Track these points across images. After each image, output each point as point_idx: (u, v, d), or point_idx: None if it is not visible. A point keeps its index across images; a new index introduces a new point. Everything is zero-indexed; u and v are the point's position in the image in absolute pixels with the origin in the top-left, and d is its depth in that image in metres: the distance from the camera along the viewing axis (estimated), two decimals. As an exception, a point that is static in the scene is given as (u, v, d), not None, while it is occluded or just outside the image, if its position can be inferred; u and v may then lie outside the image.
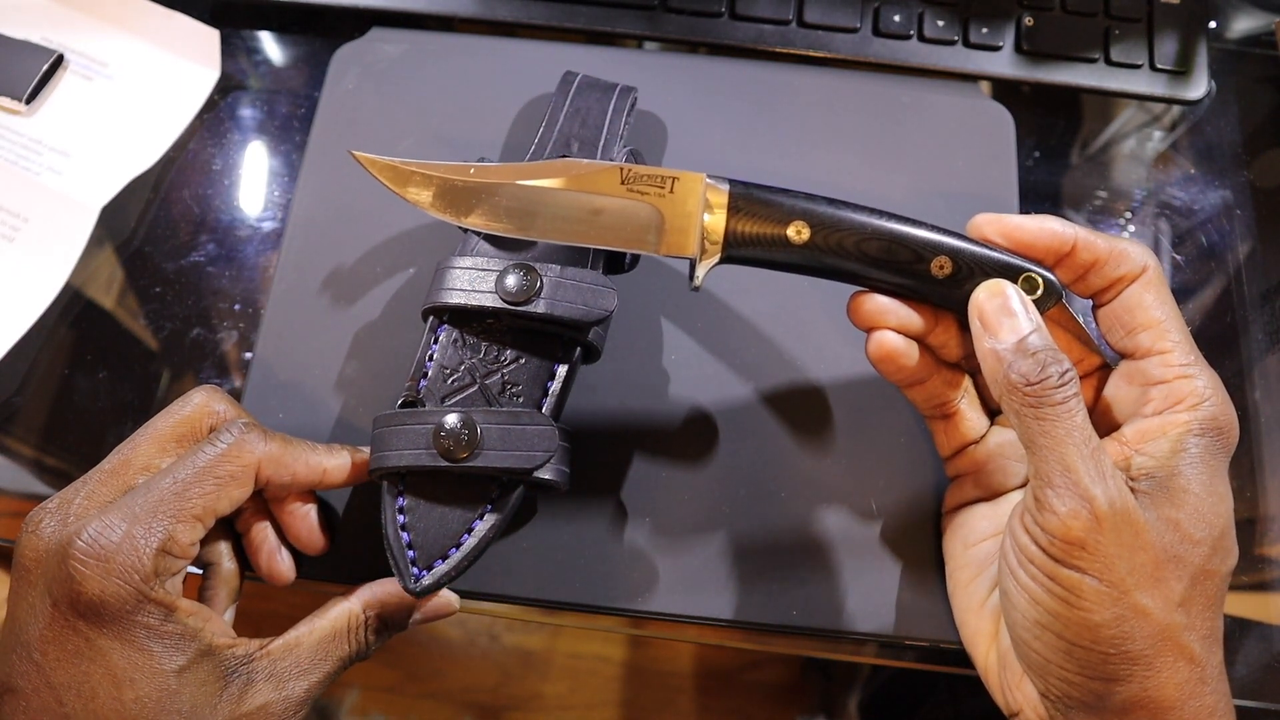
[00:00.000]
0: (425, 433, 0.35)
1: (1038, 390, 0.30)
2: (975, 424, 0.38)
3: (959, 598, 0.37)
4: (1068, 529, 0.29)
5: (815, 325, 0.43)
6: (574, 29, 0.50)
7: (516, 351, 0.37)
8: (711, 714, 0.93)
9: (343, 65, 0.49)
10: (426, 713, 0.93)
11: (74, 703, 0.29)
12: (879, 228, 0.34)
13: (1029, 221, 0.34)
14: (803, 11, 0.50)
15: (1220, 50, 0.52)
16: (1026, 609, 0.31)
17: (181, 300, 0.45)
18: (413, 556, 0.34)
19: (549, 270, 0.36)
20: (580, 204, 0.35)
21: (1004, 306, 0.33)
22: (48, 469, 0.42)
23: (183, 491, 0.31)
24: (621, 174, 0.35)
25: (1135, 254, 0.34)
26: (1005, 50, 0.50)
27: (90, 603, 0.29)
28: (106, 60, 0.50)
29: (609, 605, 0.39)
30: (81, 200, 0.46)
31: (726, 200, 0.34)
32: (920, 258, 0.34)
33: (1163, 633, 0.30)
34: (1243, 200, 0.49)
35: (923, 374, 0.36)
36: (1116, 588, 0.29)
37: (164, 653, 0.30)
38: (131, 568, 0.29)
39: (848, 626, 0.39)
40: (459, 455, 0.34)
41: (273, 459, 0.33)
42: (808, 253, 0.34)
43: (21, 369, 0.43)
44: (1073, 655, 0.30)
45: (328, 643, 0.33)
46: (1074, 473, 0.29)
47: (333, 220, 0.45)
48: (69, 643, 0.29)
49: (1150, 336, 0.34)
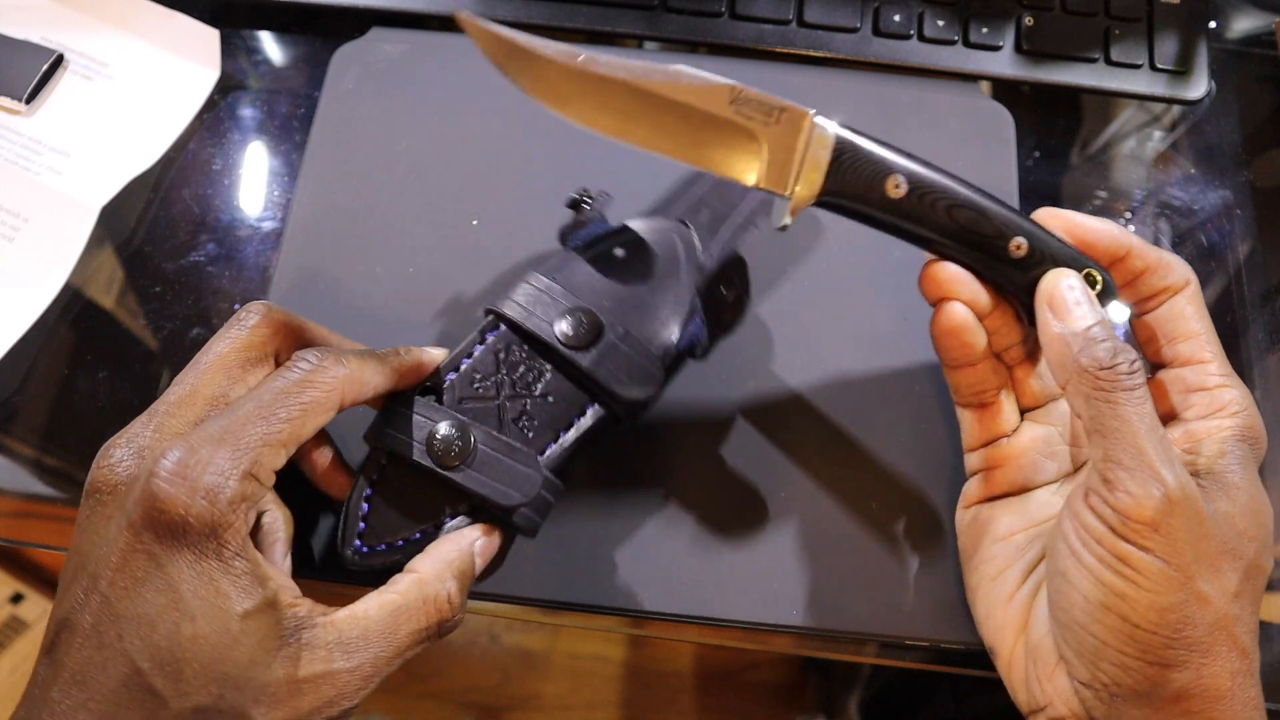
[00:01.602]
0: (425, 428, 0.34)
1: (1110, 375, 0.31)
2: (1009, 417, 0.38)
3: (983, 591, 0.37)
4: (1141, 508, 0.29)
5: (814, 325, 0.43)
6: (574, 29, 0.50)
7: (548, 389, 0.36)
8: (711, 714, 0.93)
9: (343, 65, 0.49)
10: (426, 713, 0.93)
11: (134, 638, 0.27)
12: (971, 198, 0.34)
13: (1091, 220, 0.35)
14: (803, 11, 0.50)
15: (1220, 50, 0.52)
16: (1089, 590, 0.31)
17: (181, 300, 0.45)
18: (362, 529, 0.34)
19: (614, 329, 0.36)
20: (686, 116, 0.33)
21: (1074, 293, 0.33)
22: (48, 469, 0.42)
23: (269, 415, 0.30)
24: (731, 94, 0.33)
25: (1179, 267, 0.35)
26: (1005, 50, 0.50)
27: (172, 523, 0.27)
28: (106, 60, 0.50)
29: (609, 605, 0.39)
30: (81, 200, 0.46)
31: (832, 141, 0.33)
32: (1002, 234, 0.34)
33: (1220, 622, 0.30)
34: (1243, 200, 0.49)
35: (977, 356, 0.36)
36: (1182, 572, 0.29)
37: (233, 591, 0.28)
38: (217, 488, 0.28)
39: (848, 626, 0.39)
40: (446, 462, 0.34)
41: (354, 380, 0.32)
42: (900, 210, 0.34)
43: (21, 369, 0.43)
44: (1135, 638, 0.30)
45: (400, 614, 0.31)
46: (1146, 455, 0.30)
47: (333, 220, 0.45)
48: (139, 568, 0.28)
49: (1190, 347, 0.35)
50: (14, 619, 0.88)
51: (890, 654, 0.41)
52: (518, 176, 0.46)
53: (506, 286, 0.37)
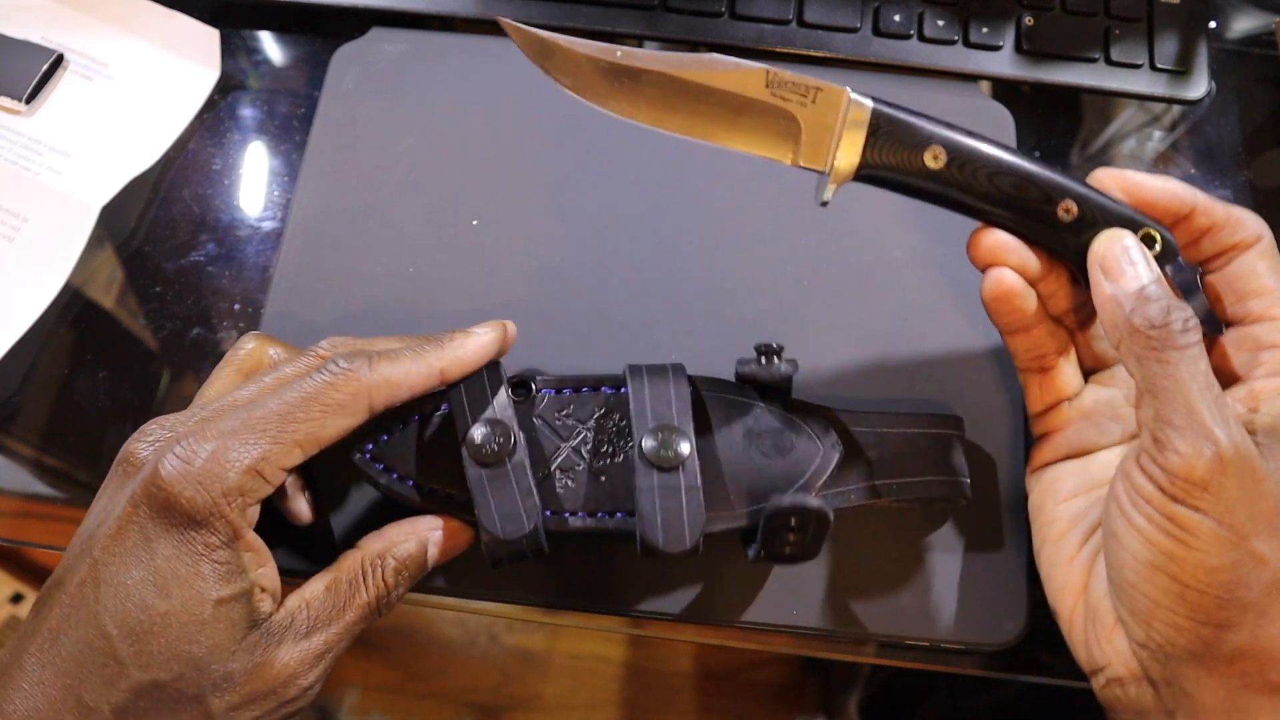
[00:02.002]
0: (484, 412, 0.35)
1: (1162, 334, 0.30)
2: (1072, 380, 0.38)
3: (1046, 552, 0.36)
4: (1191, 468, 0.29)
5: (815, 327, 0.43)
6: (574, 29, 0.50)
7: (608, 471, 0.36)
8: (711, 714, 0.93)
9: (343, 65, 0.49)
10: (426, 713, 0.93)
11: (109, 601, 0.29)
12: (1013, 164, 0.34)
13: (1152, 180, 0.35)
14: (803, 11, 0.50)
15: (1220, 50, 0.52)
16: (1139, 550, 0.30)
17: (181, 300, 0.45)
18: (384, 440, 0.36)
19: (689, 474, 0.34)
20: (723, 102, 0.34)
21: (1126, 254, 0.33)
22: (48, 469, 0.42)
23: (287, 414, 0.31)
24: (768, 78, 0.34)
25: (1251, 222, 0.34)
26: (1005, 50, 0.50)
27: (166, 502, 0.29)
28: (106, 60, 0.50)
29: (609, 605, 0.39)
30: (81, 200, 0.46)
31: (868, 117, 0.34)
32: (1049, 199, 0.34)
33: (1277, 583, 0.29)
34: (1243, 200, 0.49)
35: (1031, 321, 0.36)
36: (1235, 532, 0.29)
37: (211, 577, 0.29)
38: (215, 477, 0.29)
39: (848, 626, 0.39)
40: (472, 452, 0.34)
41: (384, 383, 0.33)
42: (941, 180, 0.34)
43: (21, 369, 0.43)
44: (1185, 599, 0.29)
45: (343, 591, 0.32)
46: (1198, 414, 0.29)
47: (333, 220, 0.45)
48: (131, 539, 0.29)
49: (1262, 304, 0.34)
50: (14, 619, 0.88)
51: (890, 654, 0.41)
52: (518, 176, 0.46)
53: (658, 369, 0.36)
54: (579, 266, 0.44)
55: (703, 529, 0.34)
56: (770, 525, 0.34)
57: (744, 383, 0.38)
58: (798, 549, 0.35)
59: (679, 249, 0.45)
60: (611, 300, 0.44)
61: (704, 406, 0.37)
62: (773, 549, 0.35)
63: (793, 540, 0.35)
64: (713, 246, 0.45)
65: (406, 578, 0.34)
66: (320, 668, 0.31)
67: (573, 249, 0.45)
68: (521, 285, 0.44)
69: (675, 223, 0.46)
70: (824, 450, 0.37)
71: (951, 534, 0.40)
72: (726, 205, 0.46)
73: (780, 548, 0.35)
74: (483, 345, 0.35)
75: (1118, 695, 0.32)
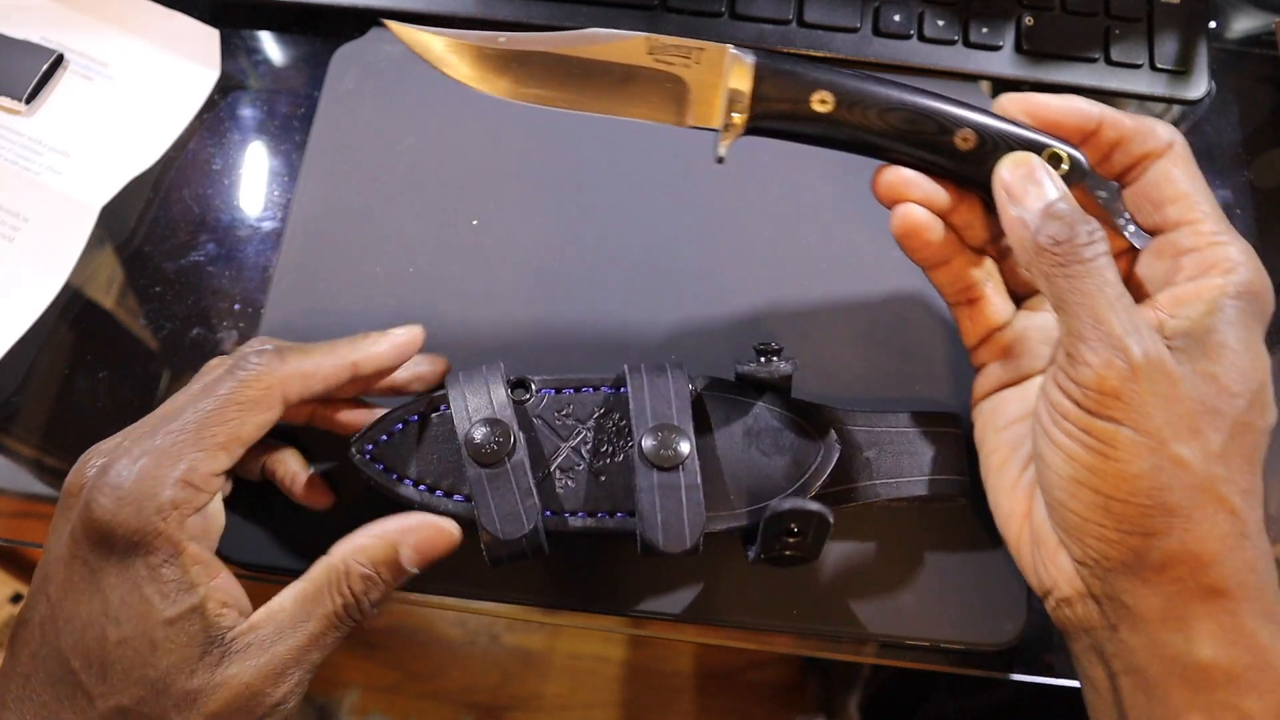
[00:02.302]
0: (483, 412, 0.35)
1: (1066, 249, 0.30)
2: (1001, 309, 0.38)
3: (991, 481, 0.37)
4: (1102, 380, 0.29)
5: (815, 327, 0.43)
6: (574, 29, 0.49)
7: (609, 470, 0.36)
8: (711, 714, 0.93)
9: (343, 65, 0.49)
10: (426, 713, 0.93)
11: (69, 637, 0.29)
12: (903, 99, 0.34)
13: (1054, 99, 0.35)
14: (803, 11, 0.50)
15: (1220, 50, 0.52)
16: (1062, 467, 0.31)
17: (181, 300, 0.45)
18: (383, 440, 0.35)
19: (690, 472, 0.34)
20: (609, 72, 0.35)
21: (1029, 175, 0.33)
22: (48, 469, 0.42)
23: (204, 420, 0.31)
24: (649, 44, 0.34)
25: (1161, 131, 0.34)
26: (1005, 50, 0.50)
27: (99, 531, 0.29)
28: (106, 60, 0.50)
29: (609, 605, 0.39)
30: (81, 200, 0.46)
31: (752, 71, 0.34)
32: (944, 129, 0.34)
33: (1201, 484, 0.29)
34: (1243, 200, 0.49)
35: (947, 254, 0.36)
36: (1153, 438, 0.29)
37: (157, 599, 0.29)
38: (145, 496, 0.29)
39: (848, 626, 0.39)
40: (471, 451, 0.34)
41: (295, 375, 0.33)
42: (832, 124, 0.34)
43: (21, 369, 0.43)
44: (1110, 510, 0.30)
45: (309, 601, 0.31)
46: (1106, 324, 0.29)
47: (333, 220, 0.45)
48: (76, 574, 0.29)
49: (1179, 209, 0.33)
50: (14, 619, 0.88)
51: (890, 654, 0.41)
52: (518, 176, 0.46)
53: (658, 367, 0.36)
54: (579, 266, 0.44)
55: (703, 529, 0.34)
56: (770, 528, 0.34)
57: (743, 382, 0.38)
58: (798, 551, 0.35)
59: (679, 248, 0.45)
60: (611, 300, 0.44)
61: (704, 406, 0.37)
62: (773, 551, 0.35)
63: (793, 543, 0.35)
64: (713, 246, 0.45)
65: (379, 583, 0.32)
66: (290, 682, 0.31)
67: (573, 249, 0.45)
68: (521, 285, 0.44)
69: (675, 222, 0.46)
70: (823, 449, 0.37)
71: (951, 534, 0.40)
72: (727, 205, 0.46)
73: (780, 550, 0.35)
74: (396, 344, 0.36)
75: (1067, 615, 0.32)
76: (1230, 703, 0.29)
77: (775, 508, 0.34)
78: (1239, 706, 0.29)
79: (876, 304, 0.44)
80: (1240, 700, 0.29)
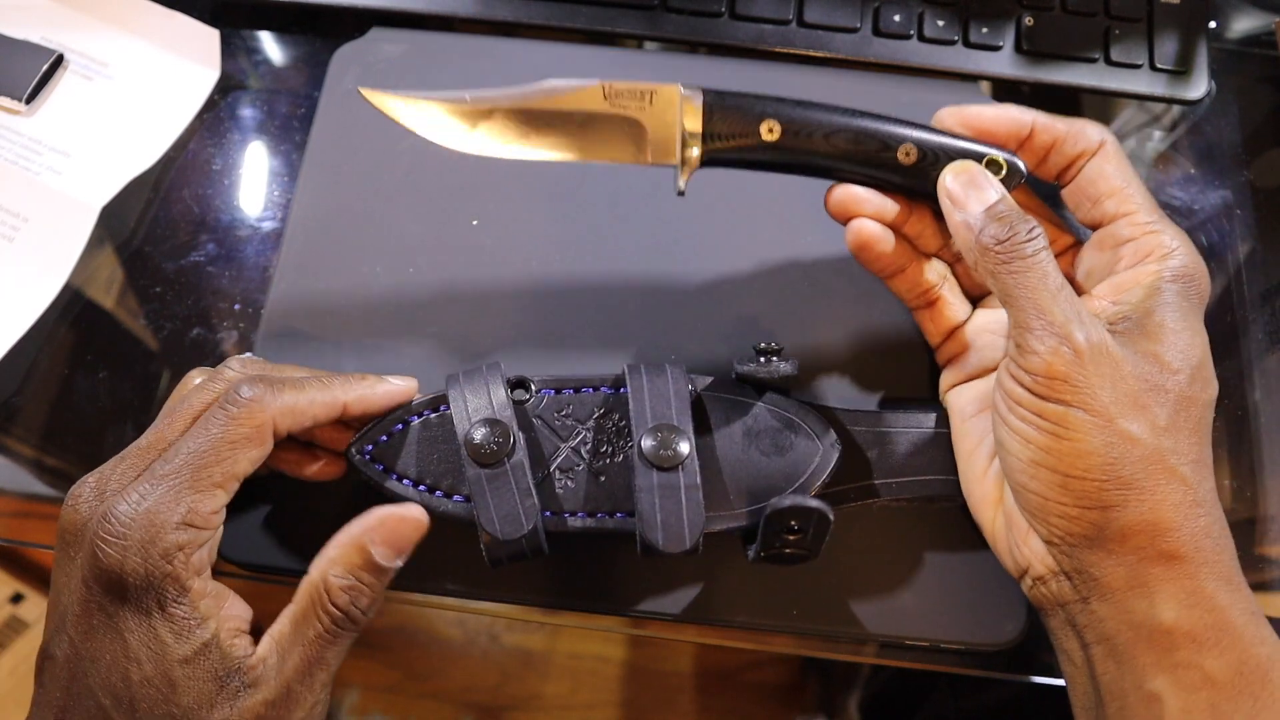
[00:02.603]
0: (483, 412, 0.35)
1: (1007, 247, 0.33)
2: (958, 308, 0.40)
3: (964, 469, 0.38)
4: (1050, 366, 0.31)
5: (815, 327, 0.43)
6: (574, 29, 0.50)
7: (608, 471, 0.36)
8: (711, 714, 0.93)
9: (343, 65, 0.49)
10: (426, 713, 0.93)
11: (95, 676, 0.30)
12: (845, 122, 0.36)
13: (988, 109, 0.37)
14: (803, 11, 0.50)
15: (1220, 50, 0.52)
16: (1020, 450, 0.32)
17: (181, 300, 0.45)
18: (383, 440, 0.36)
19: (689, 473, 0.34)
20: (569, 120, 0.37)
21: (970, 181, 0.35)
22: (48, 469, 0.42)
23: (197, 463, 0.31)
24: (604, 91, 0.36)
25: (1092, 131, 0.37)
26: (1005, 50, 0.50)
27: (110, 579, 0.30)
28: (106, 60, 0.50)
29: (609, 605, 0.39)
30: (81, 200, 0.46)
31: (701, 106, 0.36)
32: (887, 147, 0.36)
33: (1151, 456, 0.31)
34: (1243, 200, 0.49)
35: (902, 262, 0.39)
36: (1102, 416, 0.31)
37: (170, 639, 0.30)
38: (149, 542, 0.30)
39: (848, 626, 0.39)
40: (471, 451, 0.34)
41: (287, 411, 0.33)
42: (781, 151, 0.37)
43: (21, 369, 0.43)
44: (1068, 488, 0.31)
45: (301, 623, 0.32)
46: (1049, 314, 0.31)
47: (333, 220, 0.45)
48: (94, 617, 0.30)
49: (1114, 202, 0.36)
50: (14, 619, 0.88)
51: (890, 654, 0.41)
52: (518, 177, 0.46)
53: (657, 368, 0.36)
54: (579, 267, 0.44)
55: (703, 529, 0.34)
56: (770, 526, 0.34)
57: (744, 382, 0.38)
58: (798, 549, 0.35)
59: (679, 249, 0.45)
60: (611, 301, 0.44)
61: (704, 406, 0.37)
62: (773, 549, 0.35)
63: (793, 541, 0.35)
64: (713, 247, 0.45)
65: (364, 589, 0.32)
66: (304, 706, 0.31)
67: (572, 249, 0.45)
68: (521, 285, 0.44)
69: (675, 223, 0.46)
70: (823, 449, 0.37)
71: (951, 534, 0.40)
72: (727, 205, 0.46)
73: (781, 549, 0.35)
74: (391, 394, 0.36)
75: (1042, 593, 0.34)
76: (1192, 662, 0.30)
77: (776, 505, 0.34)
78: (1200, 665, 0.30)
79: (877, 304, 0.44)
80: (1201, 659, 0.30)
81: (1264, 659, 0.30)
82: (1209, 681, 0.30)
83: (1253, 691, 0.30)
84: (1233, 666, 0.30)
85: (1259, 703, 0.30)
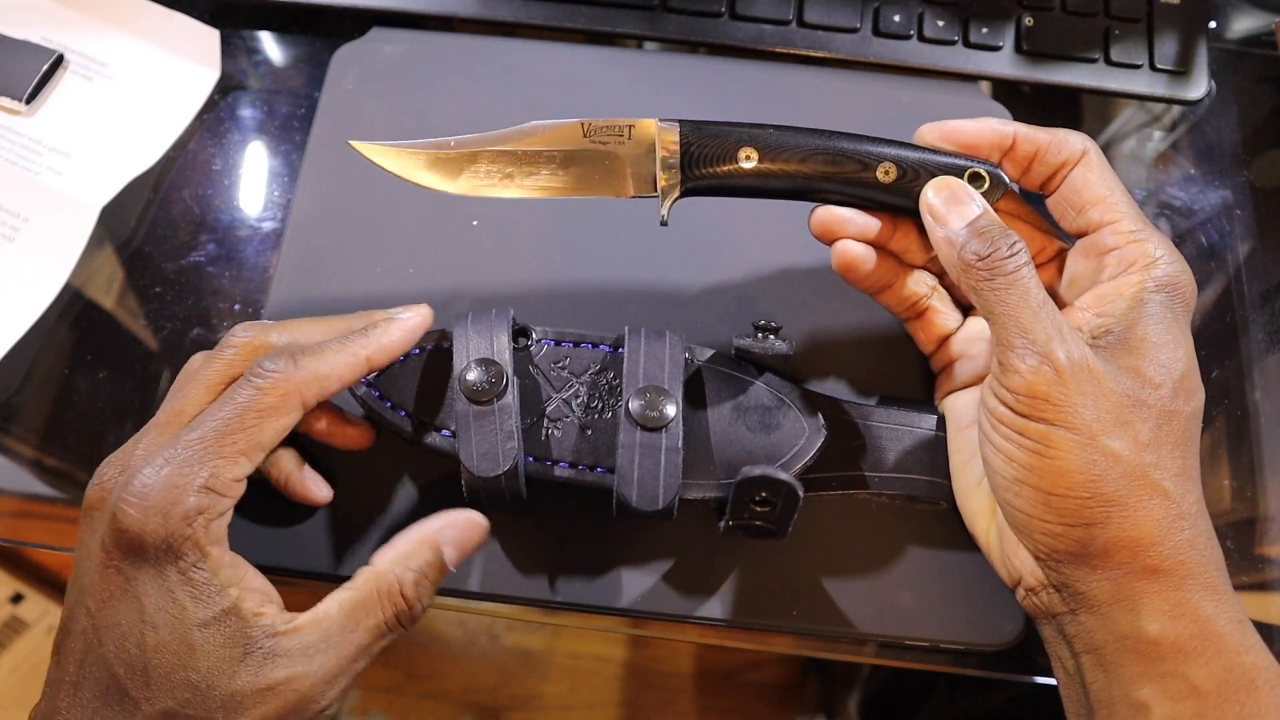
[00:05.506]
0: (483, 352, 0.35)
1: (989, 263, 0.32)
2: (948, 318, 0.40)
3: (957, 479, 0.38)
4: (1031, 385, 0.31)
5: (815, 326, 0.43)
6: (574, 29, 0.50)
7: (596, 425, 0.37)
8: (711, 714, 0.93)
9: (343, 65, 0.49)
10: (426, 713, 0.93)
11: (110, 645, 0.30)
12: (821, 145, 0.36)
13: (968, 123, 0.37)
14: (803, 11, 0.50)
15: (1220, 50, 0.52)
16: (1004, 468, 0.32)
17: (181, 300, 0.45)
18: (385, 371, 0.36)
19: (672, 435, 0.35)
20: (551, 159, 0.37)
21: (951, 197, 0.35)
22: (48, 469, 0.42)
23: (224, 429, 0.31)
24: (584, 128, 0.37)
25: (1074, 140, 0.36)
26: (1005, 50, 0.50)
27: (130, 541, 0.29)
28: (106, 60, 0.50)
29: (609, 605, 0.39)
30: (81, 200, 0.46)
31: (678, 138, 0.36)
32: (865, 166, 0.36)
33: (1133, 472, 0.31)
34: (1243, 200, 0.49)
35: (889, 278, 0.39)
36: (1084, 434, 0.31)
37: (189, 603, 0.30)
38: (171, 503, 0.30)
39: (848, 626, 0.39)
40: (465, 389, 0.35)
41: (312, 379, 0.33)
42: (760, 176, 0.37)
43: (21, 369, 0.43)
44: (1051, 505, 0.31)
45: (357, 610, 0.31)
46: (1030, 333, 0.31)
47: (333, 220, 0.45)
48: (112, 583, 0.30)
49: (1099, 211, 0.36)
50: (14, 619, 0.88)
51: (890, 654, 0.41)
52: (518, 176, 0.46)
53: (657, 333, 0.37)
54: (579, 267, 0.44)
55: (678, 492, 0.35)
56: (740, 494, 0.35)
57: (744, 360, 0.38)
58: (767, 522, 0.36)
59: (679, 249, 0.45)
60: (611, 302, 0.44)
61: (700, 376, 0.38)
62: (741, 518, 0.36)
63: (762, 513, 0.35)
64: (713, 247, 0.45)
65: (429, 587, 0.33)
66: (335, 689, 0.31)
67: (572, 251, 0.45)
68: (521, 286, 0.44)
69: (676, 223, 0.46)
70: (809, 432, 0.37)
71: (950, 534, 0.40)
72: (727, 205, 0.46)
73: (750, 519, 0.36)
74: (407, 330, 0.36)
75: (1034, 603, 0.34)
76: (1178, 672, 0.30)
77: (747, 473, 0.34)
78: (1186, 675, 0.30)
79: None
80: (1187, 669, 0.30)
81: (1249, 667, 0.30)
82: (1194, 691, 0.30)
83: (1238, 699, 0.30)
84: (1218, 675, 0.30)
85: (1244, 710, 0.30)
